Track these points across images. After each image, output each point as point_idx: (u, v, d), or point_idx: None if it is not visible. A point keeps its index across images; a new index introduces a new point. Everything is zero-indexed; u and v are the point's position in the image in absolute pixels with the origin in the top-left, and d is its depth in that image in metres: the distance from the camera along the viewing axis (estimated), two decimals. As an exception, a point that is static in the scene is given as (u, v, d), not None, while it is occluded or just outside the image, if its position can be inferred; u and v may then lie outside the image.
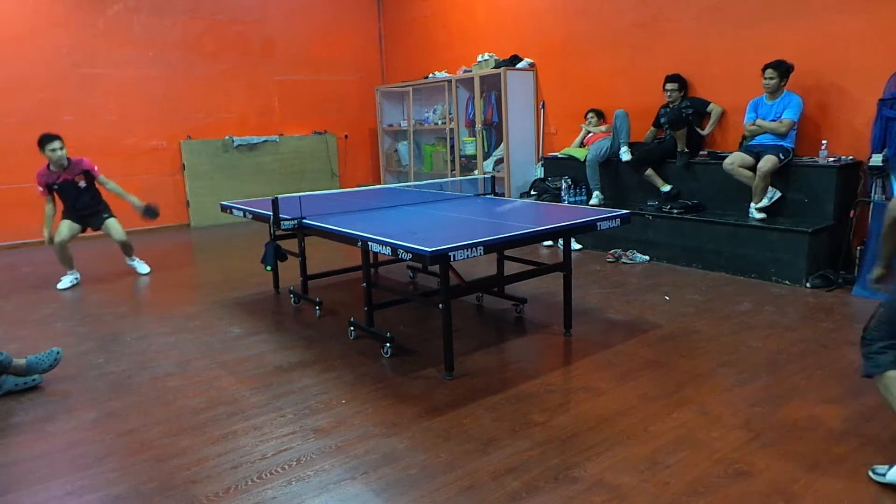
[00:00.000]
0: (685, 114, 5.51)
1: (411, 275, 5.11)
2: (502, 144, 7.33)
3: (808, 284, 4.55)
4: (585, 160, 6.24)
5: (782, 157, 4.81)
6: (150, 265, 5.71)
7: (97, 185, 5.37)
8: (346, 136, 9.44)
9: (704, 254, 5.16)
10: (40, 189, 5.14)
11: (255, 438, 2.63)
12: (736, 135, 5.51)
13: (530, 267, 3.79)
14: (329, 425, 2.72)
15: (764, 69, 4.88)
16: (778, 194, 4.93)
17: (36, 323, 4.33)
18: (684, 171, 5.60)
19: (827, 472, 2.25)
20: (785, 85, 4.88)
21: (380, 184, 9.06)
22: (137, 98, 7.73)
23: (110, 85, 7.56)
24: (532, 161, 7.46)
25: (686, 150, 5.56)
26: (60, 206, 5.30)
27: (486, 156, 7.63)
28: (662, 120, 5.79)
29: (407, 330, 3.92)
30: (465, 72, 7.73)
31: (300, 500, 2.19)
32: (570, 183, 6.46)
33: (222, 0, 8.22)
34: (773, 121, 4.92)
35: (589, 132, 6.61)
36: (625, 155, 5.92)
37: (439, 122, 8.26)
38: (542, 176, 6.98)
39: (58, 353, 3.33)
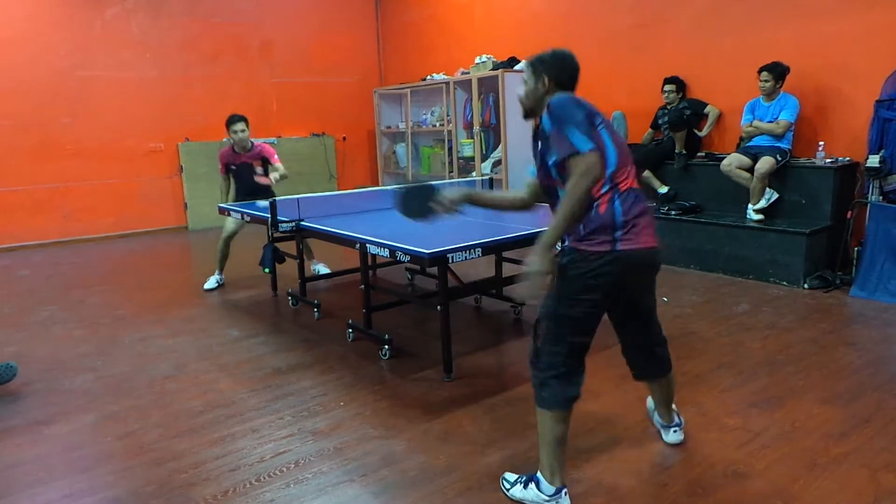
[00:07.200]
0: (685, 115, 5.52)
1: (409, 277, 5.11)
2: (500, 146, 7.33)
3: (805, 285, 4.56)
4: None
5: (779, 159, 4.82)
6: (149, 267, 5.69)
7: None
8: (344, 138, 9.44)
9: (702, 255, 5.16)
10: (221, 167, 5.25)
11: (254, 441, 2.62)
12: (733, 136, 5.52)
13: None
14: (327, 427, 2.71)
15: (759, 72, 4.89)
16: (775, 195, 4.94)
17: (33, 326, 4.32)
18: (682, 172, 5.61)
19: (826, 472, 2.25)
20: (781, 87, 4.89)
21: (378, 186, 9.06)
22: (135, 100, 7.72)
23: (108, 87, 7.55)
24: (530, 163, 7.44)
25: (684, 151, 5.57)
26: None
27: (484, 158, 7.62)
28: (661, 122, 5.79)
29: (405, 332, 3.91)
30: (462, 74, 7.73)
31: (299, 502, 2.19)
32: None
33: (220, 2, 8.22)
34: (770, 122, 4.93)
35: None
36: (623, 157, 5.91)
37: (437, 124, 8.26)
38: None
39: (13, 367, 3.24)
